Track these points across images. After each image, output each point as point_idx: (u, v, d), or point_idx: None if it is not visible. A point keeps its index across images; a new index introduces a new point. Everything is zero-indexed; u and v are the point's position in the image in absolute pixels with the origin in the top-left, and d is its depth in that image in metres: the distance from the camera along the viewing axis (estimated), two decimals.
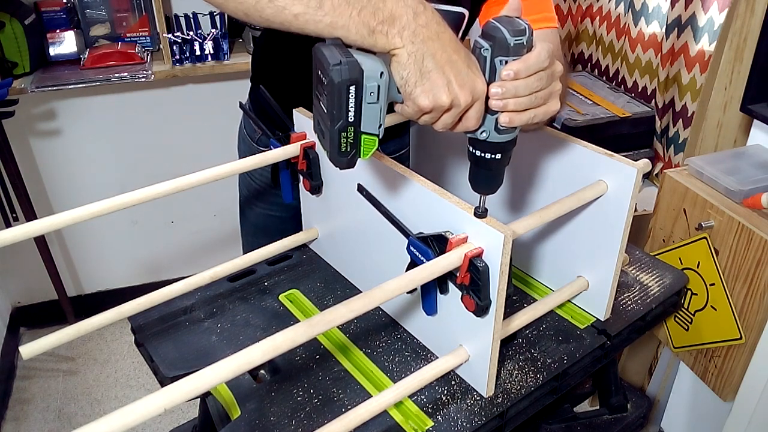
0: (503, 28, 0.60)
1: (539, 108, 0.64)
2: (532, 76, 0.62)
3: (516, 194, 0.93)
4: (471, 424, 0.71)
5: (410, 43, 0.59)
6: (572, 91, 1.77)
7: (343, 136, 0.60)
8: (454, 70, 0.60)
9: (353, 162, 0.63)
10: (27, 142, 1.94)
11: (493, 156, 0.66)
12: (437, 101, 0.60)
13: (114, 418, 0.48)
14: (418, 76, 0.60)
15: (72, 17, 1.83)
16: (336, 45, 0.59)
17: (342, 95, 0.58)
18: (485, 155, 0.66)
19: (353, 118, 0.59)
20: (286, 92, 1.01)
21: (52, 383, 2.04)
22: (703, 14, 1.46)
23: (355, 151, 0.62)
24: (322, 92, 0.60)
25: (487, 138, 0.65)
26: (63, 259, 2.17)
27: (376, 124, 0.61)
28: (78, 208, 0.73)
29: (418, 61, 0.59)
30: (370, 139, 0.62)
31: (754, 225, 1.04)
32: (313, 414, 0.73)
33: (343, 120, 0.59)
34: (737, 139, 1.32)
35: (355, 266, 0.94)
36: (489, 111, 0.63)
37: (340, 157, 0.62)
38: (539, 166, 0.88)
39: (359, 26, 0.59)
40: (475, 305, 0.67)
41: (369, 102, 0.59)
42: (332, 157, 0.62)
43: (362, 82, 0.58)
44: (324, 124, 0.62)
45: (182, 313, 0.90)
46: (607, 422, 1.00)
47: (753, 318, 1.06)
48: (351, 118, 0.59)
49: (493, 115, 0.63)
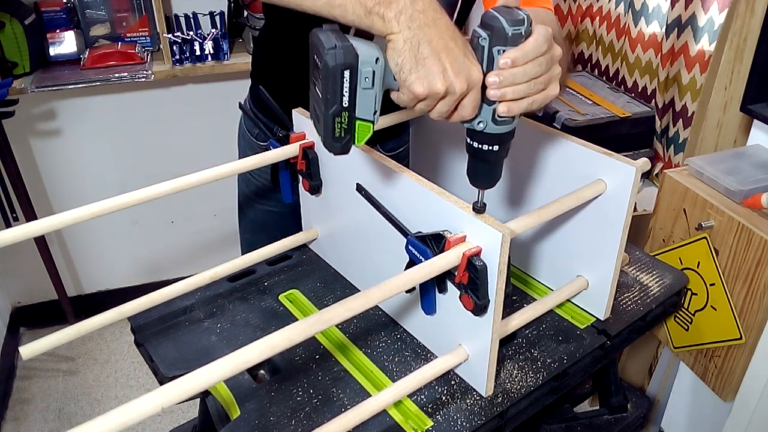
0: (502, 17, 0.60)
1: (538, 94, 0.63)
2: (531, 62, 0.61)
3: (515, 193, 0.93)
4: (471, 424, 0.71)
5: (407, 29, 0.59)
6: (572, 91, 1.77)
7: (337, 121, 0.60)
8: (450, 57, 0.59)
9: (347, 148, 0.63)
10: (27, 142, 1.94)
11: (491, 148, 0.66)
12: (432, 88, 0.59)
13: (112, 417, 0.48)
14: (414, 63, 0.59)
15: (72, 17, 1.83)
16: (332, 30, 0.59)
17: (336, 79, 0.58)
18: (483, 147, 0.66)
19: (348, 103, 0.59)
20: (286, 92, 1.02)
21: (52, 383, 2.04)
22: (703, 14, 1.46)
23: (350, 136, 0.62)
24: (318, 77, 0.60)
25: (484, 129, 0.64)
26: (63, 259, 2.17)
27: (371, 111, 0.61)
28: (78, 208, 0.73)
29: (414, 48, 0.59)
30: (364, 126, 0.62)
31: (754, 225, 1.04)
32: (313, 414, 0.73)
33: (337, 105, 0.59)
34: (737, 139, 1.32)
35: (354, 266, 0.94)
36: (486, 101, 0.63)
37: (334, 143, 0.62)
38: (538, 165, 0.88)
39: (356, 5, 0.59)
40: (473, 304, 0.67)
41: (364, 87, 0.59)
42: (326, 142, 0.62)
43: (357, 66, 0.58)
44: (319, 109, 0.62)
45: (182, 313, 0.90)
46: (607, 422, 1.00)
47: (753, 318, 1.06)
48: (345, 103, 0.59)
49: (490, 105, 0.63)
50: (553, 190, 0.86)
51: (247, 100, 1.15)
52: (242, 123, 1.18)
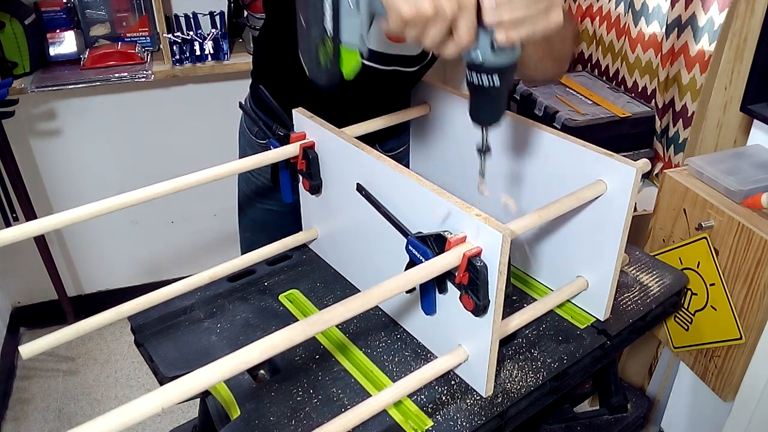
0: None
1: (539, 20, 0.58)
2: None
3: (515, 193, 0.93)
4: (471, 424, 0.71)
5: None
6: (572, 91, 1.77)
7: (321, 49, 0.58)
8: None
9: (334, 78, 0.60)
10: (27, 142, 1.94)
11: (492, 82, 0.61)
12: (419, 9, 0.54)
13: (112, 417, 0.48)
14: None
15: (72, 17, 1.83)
16: None
17: (317, 2, 0.55)
18: (483, 81, 0.61)
19: (331, 30, 0.57)
20: (286, 91, 1.02)
21: (52, 383, 2.04)
22: (703, 14, 1.46)
23: (335, 65, 0.59)
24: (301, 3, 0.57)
25: (483, 62, 0.60)
26: (63, 259, 2.17)
27: (357, 36, 0.58)
28: (78, 208, 0.73)
29: None
30: (350, 54, 0.59)
31: (754, 225, 1.04)
32: (313, 414, 0.73)
33: (319, 28, 0.56)
34: (737, 139, 1.32)
35: (354, 266, 0.94)
36: (483, 28, 0.58)
37: (319, 72, 0.60)
38: (538, 165, 0.88)
39: None
40: (473, 305, 0.67)
41: (347, 12, 0.57)
42: (311, 72, 0.60)
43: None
44: (303, 39, 0.59)
45: (182, 313, 0.90)
46: (607, 422, 1.00)
47: (753, 318, 1.06)
48: (329, 29, 0.57)
49: (487, 33, 0.58)
50: (554, 190, 0.86)
51: (248, 99, 1.16)
52: (242, 121, 1.18)
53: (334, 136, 0.86)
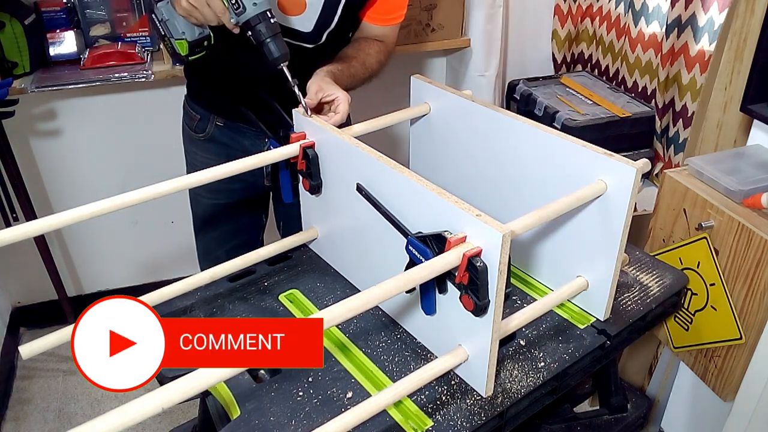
0: None
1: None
2: None
3: (515, 193, 0.93)
4: (471, 424, 0.71)
5: None
6: (572, 91, 1.77)
7: (167, 44, 0.96)
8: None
9: (180, 57, 0.95)
10: (27, 142, 1.94)
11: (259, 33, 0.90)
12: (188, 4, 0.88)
13: (112, 417, 0.48)
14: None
15: (72, 17, 1.83)
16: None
17: (152, 20, 0.96)
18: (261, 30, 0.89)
19: (163, 33, 0.95)
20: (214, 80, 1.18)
21: (52, 383, 2.04)
22: (703, 14, 1.46)
23: (175, 50, 0.96)
24: (151, 21, 0.99)
25: (246, 8, 0.88)
26: (63, 259, 2.17)
27: (179, 33, 0.94)
28: (78, 208, 0.73)
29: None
30: (180, 42, 0.95)
31: (754, 225, 1.04)
32: (313, 414, 0.73)
33: (159, 33, 0.95)
34: (737, 139, 1.32)
35: (354, 266, 0.94)
36: None
37: (174, 55, 0.97)
38: (538, 165, 0.88)
39: None
40: (473, 305, 0.67)
41: (164, 20, 0.94)
42: (173, 56, 0.98)
43: (156, 6, 0.95)
44: (162, 39, 0.98)
45: (182, 313, 0.90)
46: (607, 422, 1.00)
47: (753, 318, 1.06)
48: (163, 33, 0.95)
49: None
50: (554, 190, 0.86)
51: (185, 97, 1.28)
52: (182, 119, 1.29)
53: (334, 135, 0.86)
